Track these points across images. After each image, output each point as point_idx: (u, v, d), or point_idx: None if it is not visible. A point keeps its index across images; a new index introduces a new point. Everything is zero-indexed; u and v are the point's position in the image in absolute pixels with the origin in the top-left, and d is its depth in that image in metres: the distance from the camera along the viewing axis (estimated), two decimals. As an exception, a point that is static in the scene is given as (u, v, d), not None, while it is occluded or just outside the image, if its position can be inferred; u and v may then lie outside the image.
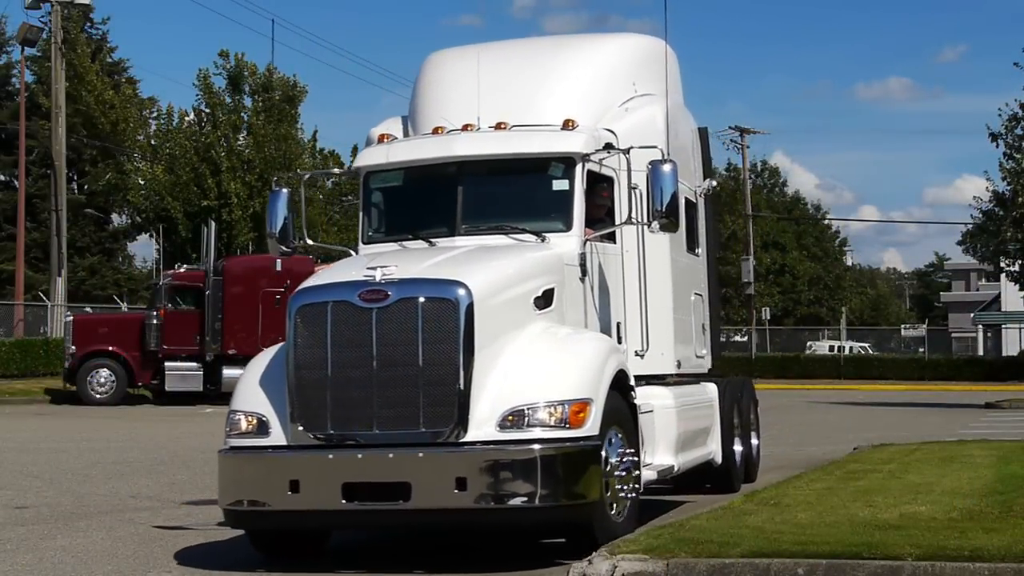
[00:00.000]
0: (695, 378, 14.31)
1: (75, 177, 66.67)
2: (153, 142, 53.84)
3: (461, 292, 9.92)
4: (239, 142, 51.48)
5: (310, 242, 13.10)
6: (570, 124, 11.71)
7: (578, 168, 11.57)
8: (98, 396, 35.57)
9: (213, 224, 38.36)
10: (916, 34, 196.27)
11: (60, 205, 47.16)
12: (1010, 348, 76.58)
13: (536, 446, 9.71)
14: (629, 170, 11.57)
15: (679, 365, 13.27)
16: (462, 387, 9.80)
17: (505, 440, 9.78)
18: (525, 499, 9.64)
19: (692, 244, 14.38)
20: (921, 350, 73.75)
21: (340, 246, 16.16)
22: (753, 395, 16.61)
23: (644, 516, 11.84)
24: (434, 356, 9.84)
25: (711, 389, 14.38)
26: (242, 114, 52.18)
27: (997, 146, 42.41)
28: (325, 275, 10.79)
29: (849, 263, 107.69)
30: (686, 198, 13.83)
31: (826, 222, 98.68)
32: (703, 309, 14.78)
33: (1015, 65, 41.50)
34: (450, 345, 9.84)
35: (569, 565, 9.15)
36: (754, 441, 16.24)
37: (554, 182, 11.74)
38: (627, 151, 11.56)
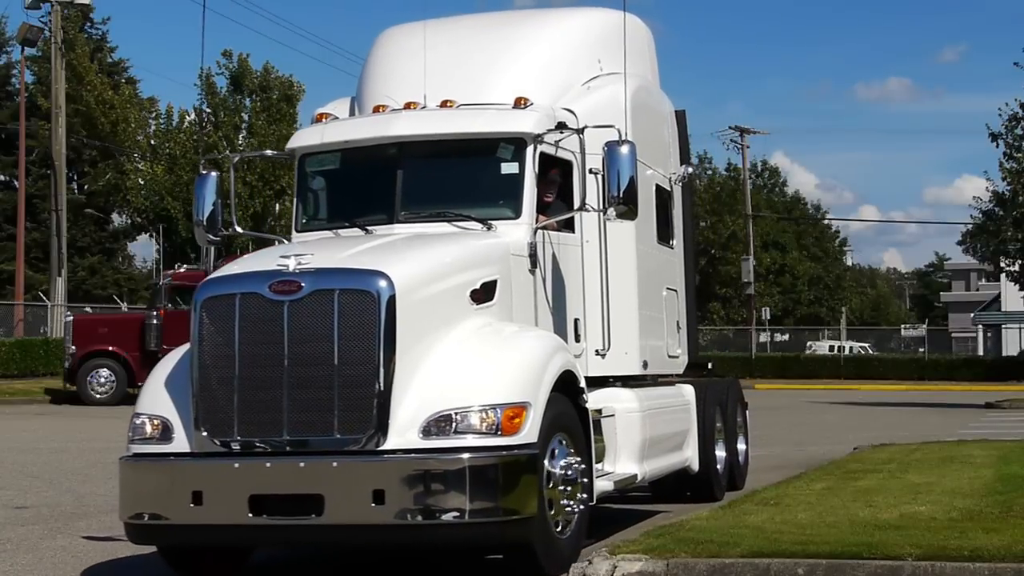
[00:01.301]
0: (681, 378, 13.70)
1: (75, 177, 66.67)
2: (153, 142, 53.87)
3: (381, 284, 8.96)
4: (240, 142, 51.52)
5: (239, 230, 12.17)
6: (522, 102, 10.84)
7: (529, 150, 10.67)
8: (98, 396, 35.53)
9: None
10: (916, 34, 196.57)
11: (60, 205, 47.13)
12: (1010, 348, 76.54)
13: (465, 455, 8.75)
14: (583, 152, 10.61)
15: (646, 365, 12.27)
16: (382, 389, 8.85)
17: (429, 448, 8.81)
18: (454, 514, 8.69)
19: (665, 235, 13.42)
20: (921, 350, 73.68)
21: (272, 235, 15.48)
22: (740, 397, 15.59)
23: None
24: (351, 354, 8.87)
25: (687, 391, 13.47)
26: (242, 114, 52.23)
27: (997, 146, 42.52)
28: (237, 264, 9.91)
29: (849, 263, 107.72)
30: (658, 185, 13.12)
31: (826, 222, 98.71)
32: (678, 305, 13.80)
33: (1015, 65, 41.62)
34: (369, 342, 8.88)
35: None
36: (741, 446, 15.32)
37: (503, 165, 10.80)
38: (581, 131, 10.63)
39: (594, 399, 10.58)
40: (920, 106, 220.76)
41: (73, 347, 35.62)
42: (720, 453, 14.33)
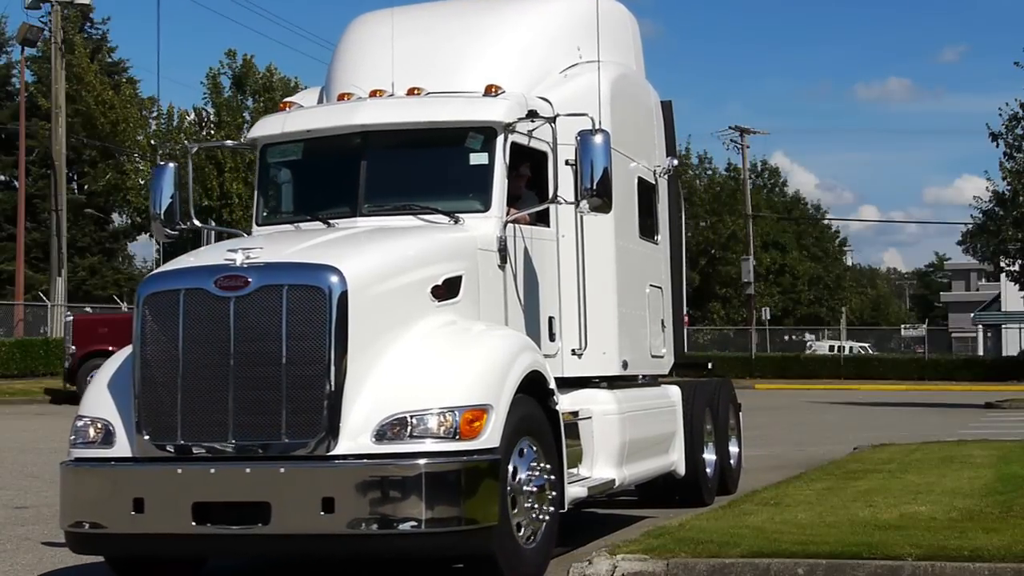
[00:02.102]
0: (669, 379, 13.38)
1: (75, 177, 66.63)
2: (153, 142, 53.86)
3: (333, 279, 8.47)
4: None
5: (198, 223, 11.57)
6: (493, 90, 10.33)
7: (499, 140, 10.17)
8: (98, 396, 35.51)
9: (213, 224, 38.34)
10: (916, 34, 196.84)
11: (60, 205, 47.14)
12: (1010, 348, 76.55)
13: (421, 461, 8.24)
14: (555, 141, 10.16)
15: (626, 365, 11.76)
16: (333, 390, 8.36)
17: (382, 454, 8.32)
18: (411, 524, 8.20)
19: (648, 230, 12.90)
20: (921, 350, 73.71)
21: (232, 229, 14.97)
22: (732, 397, 15.07)
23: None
24: (300, 354, 8.39)
25: (673, 392, 13.00)
26: (244, 113, 52.23)
27: (997, 146, 42.63)
28: (183, 259, 9.34)
29: (849, 263, 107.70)
30: (641, 177, 12.64)
31: (826, 222, 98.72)
32: (663, 303, 13.29)
33: (1015, 65, 41.75)
34: (319, 341, 8.40)
35: (569, 564, 9.09)
36: (733, 448, 14.77)
37: (471, 155, 10.30)
38: (553, 120, 10.20)
39: (571, 401, 10.32)
40: (920, 106, 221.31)
41: (73, 347, 35.58)
42: (709, 456, 13.86)
